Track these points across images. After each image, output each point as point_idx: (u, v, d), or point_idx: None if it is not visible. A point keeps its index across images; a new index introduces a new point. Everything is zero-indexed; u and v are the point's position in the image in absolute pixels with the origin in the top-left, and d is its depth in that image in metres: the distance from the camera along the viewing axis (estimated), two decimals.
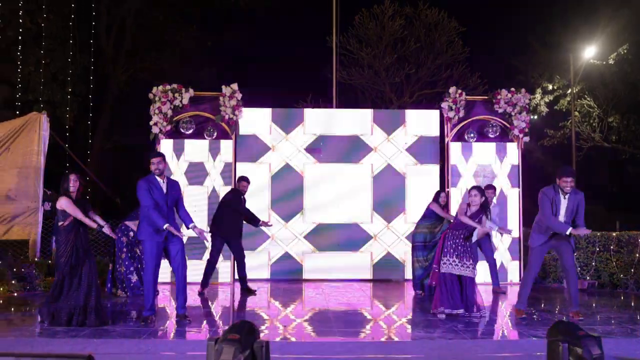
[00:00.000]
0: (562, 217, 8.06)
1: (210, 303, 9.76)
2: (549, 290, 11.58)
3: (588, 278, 11.76)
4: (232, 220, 10.57)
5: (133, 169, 20.70)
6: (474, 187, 8.47)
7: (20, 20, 17.14)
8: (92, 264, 7.54)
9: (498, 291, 10.63)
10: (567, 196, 8.06)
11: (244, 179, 10.75)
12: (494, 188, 10.70)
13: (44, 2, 17.71)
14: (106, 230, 7.52)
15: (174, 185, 7.86)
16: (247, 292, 10.63)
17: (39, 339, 6.58)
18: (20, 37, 16.67)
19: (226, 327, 3.71)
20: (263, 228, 12.11)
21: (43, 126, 12.38)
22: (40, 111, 12.75)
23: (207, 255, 11.09)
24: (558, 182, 8.07)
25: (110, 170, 22.50)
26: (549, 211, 8.05)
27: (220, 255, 11.00)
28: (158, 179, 7.69)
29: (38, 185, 12.16)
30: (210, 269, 10.63)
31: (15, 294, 10.16)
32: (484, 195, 8.39)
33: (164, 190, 7.68)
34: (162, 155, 7.85)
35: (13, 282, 10.32)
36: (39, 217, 12.08)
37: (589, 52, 22.34)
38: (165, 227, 7.43)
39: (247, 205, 10.92)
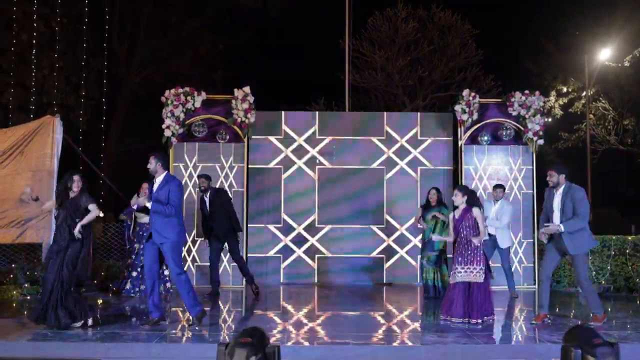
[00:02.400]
0: (556, 213, 7.99)
1: (221, 307, 9.73)
2: (564, 294, 11.46)
3: (603, 282, 11.63)
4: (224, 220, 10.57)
5: (146, 173, 20.75)
6: (455, 188, 8.43)
7: (35, 24, 17.24)
8: (62, 262, 7.45)
9: (513, 296, 10.56)
10: (558, 191, 7.97)
11: (201, 176, 10.76)
12: (502, 187, 10.65)
13: (57, 6, 17.80)
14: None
15: (163, 186, 7.71)
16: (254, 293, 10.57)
17: (50, 342, 6.56)
18: (34, 41, 16.77)
19: (236, 333, 3.65)
20: (276, 232, 12.14)
21: (57, 129, 12.37)
22: (54, 114, 12.79)
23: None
24: None
25: (123, 173, 22.55)
26: (544, 208, 8.14)
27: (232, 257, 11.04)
28: (155, 179, 7.80)
29: (51, 189, 12.15)
30: (212, 270, 10.63)
31: (29, 297, 10.18)
32: (467, 194, 8.24)
33: (152, 189, 7.72)
34: (151, 156, 7.85)
35: (26, 285, 10.34)
36: (52, 220, 12.10)
37: (604, 54, 22.16)
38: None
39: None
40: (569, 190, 7.96)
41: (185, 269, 10.33)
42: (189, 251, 11.95)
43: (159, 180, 7.75)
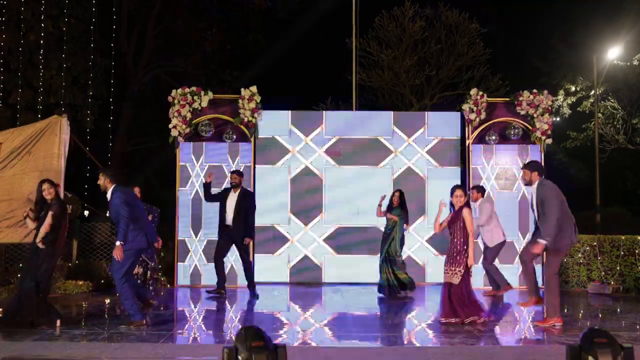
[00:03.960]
0: (535, 212, 7.92)
1: (228, 306, 9.72)
2: (572, 294, 11.39)
3: (612, 283, 11.56)
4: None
5: (153, 172, 20.79)
6: (458, 188, 8.24)
7: (43, 25, 17.26)
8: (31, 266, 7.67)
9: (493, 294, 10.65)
10: (533, 189, 7.93)
11: (234, 172, 10.78)
12: (476, 188, 10.68)
13: (65, 7, 17.82)
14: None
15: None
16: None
17: (57, 342, 6.56)
18: (42, 42, 16.78)
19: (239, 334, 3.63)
20: (283, 232, 12.16)
21: (64, 129, 12.38)
22: (62, 114, 12.79)
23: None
24: None
25: (130, 172, 22.57)
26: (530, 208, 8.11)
27: (239, 257, 11.06)
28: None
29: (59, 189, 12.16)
30: (216, 268, 10.64)
31: None
32: (466, 195, 8.15)
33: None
34: (99, 172, 8.01)
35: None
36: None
37: (613, 53, 22.01)
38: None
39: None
40: (539, 187, 7.88)
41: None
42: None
43: (108, 196, 7.79)
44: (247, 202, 10.48)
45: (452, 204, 8.07)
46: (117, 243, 7.44)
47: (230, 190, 10.56)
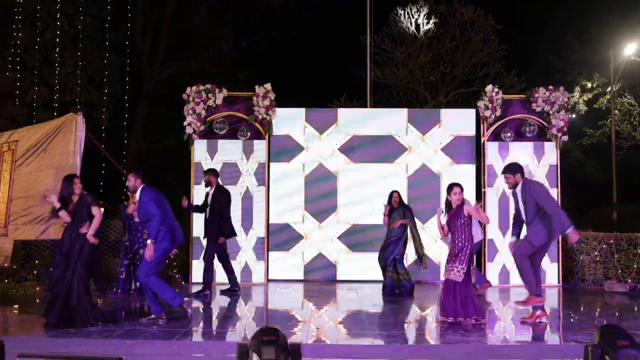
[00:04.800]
0: (522, 214, 7.87)
1: (242, 304, 9.73)
2: (589, 293, 11.31)
3: (629, 281, 11.46)
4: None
5: (168, 170, 20.85)
6: (456, 186, 8.13)
7: (58, 23, 17.37)
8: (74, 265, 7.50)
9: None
10: (519, 191, 7.89)
11: (206, 171, 10.72)
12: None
13: (81, 5, 17.92)
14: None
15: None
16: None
17: (73, 339, 6.59)
18: (58, 40, 16.88)
19: (255, 332, 3.61)
20: (297, 229, 12.19)
21: (79, 127, 12.46)
22: (77, 112, 12.86)
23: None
24: None
25: (145, 170, 22.65)
26: (514, 211, 8.11)
27: (254, 255, 11.04)
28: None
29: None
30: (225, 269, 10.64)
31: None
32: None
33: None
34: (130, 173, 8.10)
35: (49, 281, 10.38)
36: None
37: (630, 49, 21.82)
38: None
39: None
40: (525, 186, 7.83)
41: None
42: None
43: (137, 196, 7.90)
44: (218, 201, 10.35)
45: (447, 204, 8.03)
46: (149, 242, 7.51)
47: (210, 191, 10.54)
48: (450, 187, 7.98)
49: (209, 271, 10.34)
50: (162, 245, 7.60)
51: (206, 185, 10.52)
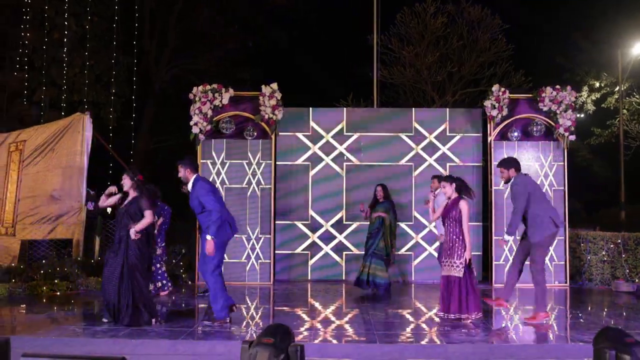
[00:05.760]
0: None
1: (249, 304, 9.73)
2: (596, 292, 11.27)
3: (637, 281, 11.41)
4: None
5: (175, 170, 20.85)
6: (442, 180, 8.21)
7: (66, 23, 17.43)
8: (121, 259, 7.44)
9: None
10: (509, 186, 7.98)
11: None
12: (437, 177, 10.43)
13: (88, 5, 17.97)
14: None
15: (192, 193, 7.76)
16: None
17: (78, 339, 6.61)
18: (65, 40, 16.94)
19: (262, 330, 3.63)
20: (303, 229, 12.19)
21: (86, 127, 12.51)
22: (84, 112, 12.90)
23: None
24: None
25: (153, 169, 22.69)
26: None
27: (260, 254, 11.01)
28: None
29: (81, 186, 12.28)
30: None
31: (59, 293, 10.27)
32: (455, 182, 8.04)
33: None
34: (178, 164, 7.93)
35: (56, 281, 10.43)
36: (83, 217, 12.20)
37: (638, 49, 21.72)
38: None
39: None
40: (512, 183, 7.89)
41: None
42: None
43: (189, 187, 7.72)
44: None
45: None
46: (208, 237, 7.29)
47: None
48: (439, 180, 8.06)
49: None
50: (220, 237, 7.42)
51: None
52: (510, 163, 8.03)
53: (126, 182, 7.66)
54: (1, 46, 19.56)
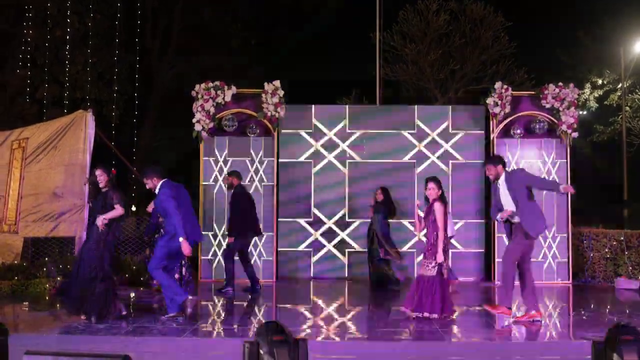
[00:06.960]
0: (506, 205, 7.67)
1: (253, 302, 9.73)
2: (599, 290, 11.25)
3: None
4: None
5: (179, 166, 20.92)
6: (430, 181, 8.00)
7: (69, 21, 17.43)
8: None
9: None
10: (501, 183, 7.78)
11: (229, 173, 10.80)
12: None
13: (91, 3, 17.98)
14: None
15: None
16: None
17: (81, 336, 6.61)
18: (68, 37, 16.95)
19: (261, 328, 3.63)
20: (306, 226, 12.20)
21: (89, 124, 12.48)
22: (87, 109, 12.89)
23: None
24: None
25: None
26: (493, 202, 7.92)
27: (263, 252, 11.03)
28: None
29: (84, 183, 12.27)
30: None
31: None
32: (441, 189, 7.96)
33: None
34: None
35: (58, 278, 10.43)
36: (85, 215, 12.19)
37: None
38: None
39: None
40: (510, 176, 7.78)
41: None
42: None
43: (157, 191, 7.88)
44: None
45: (426, 198, 7.99)
46: (181, 239, 7.35)
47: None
48: (426, 181, 7.96)
49: (229, 268, 10.37)
50: (172, 243, 7.50)
51: (228, 188, 10.60)
52: (498, 161, 7.99)
53: (102, 178, 7.65)
54: (4, 44, 19.58)
